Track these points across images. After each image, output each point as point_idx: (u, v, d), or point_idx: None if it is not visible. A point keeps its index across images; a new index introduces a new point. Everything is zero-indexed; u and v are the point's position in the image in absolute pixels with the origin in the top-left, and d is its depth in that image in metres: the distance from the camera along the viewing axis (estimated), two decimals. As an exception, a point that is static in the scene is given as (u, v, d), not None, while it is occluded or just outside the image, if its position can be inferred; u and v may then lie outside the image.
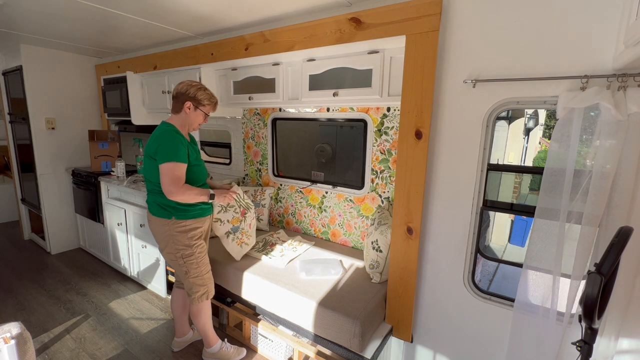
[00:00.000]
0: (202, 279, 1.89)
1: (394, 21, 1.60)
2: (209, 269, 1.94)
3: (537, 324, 1.44)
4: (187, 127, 1.83)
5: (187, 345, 2.24)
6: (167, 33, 2.56)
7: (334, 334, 1.70)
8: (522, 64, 1.41)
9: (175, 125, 1.78)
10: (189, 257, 1.82)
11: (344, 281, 1.97)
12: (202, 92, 1.78)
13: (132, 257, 3.03)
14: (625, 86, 1.20)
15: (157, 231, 1.84)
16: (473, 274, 1.71)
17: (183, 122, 1.80)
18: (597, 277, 0.91)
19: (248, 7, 1.98)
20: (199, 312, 1.96)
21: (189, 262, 1.83)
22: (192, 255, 1.82)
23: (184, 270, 1.85)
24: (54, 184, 3.57)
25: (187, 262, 1.82)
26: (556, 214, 1.34)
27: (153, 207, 1.81)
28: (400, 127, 1.66)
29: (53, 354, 2.16)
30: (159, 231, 1.82)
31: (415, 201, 1.67)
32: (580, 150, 1.29)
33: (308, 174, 2.78)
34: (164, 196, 1.70)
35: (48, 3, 2.03)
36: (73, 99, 3.60)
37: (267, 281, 1.98)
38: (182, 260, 1.82)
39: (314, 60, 2.05)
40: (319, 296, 1.80)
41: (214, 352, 2.07)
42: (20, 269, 3.30)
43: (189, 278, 1.86)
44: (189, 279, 1.87)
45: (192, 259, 1.83)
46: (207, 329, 2.02)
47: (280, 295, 1.91)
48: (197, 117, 1.81)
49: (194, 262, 1.84)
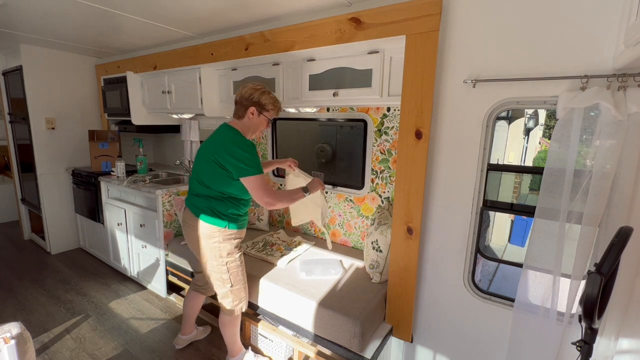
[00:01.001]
0: (241, 291, 1.84)
1: (394, 21, 1.60)
2: (246, 280, 1.89)
3: (537, 324, 1.44)
4: (250, 134, 1.76)
5: (188, 343, 2.24)
6: (167, 33, 2.56)
7: (334, 334, 1.70)
8: (522, 64, 1.41)
9: (240, 131, 1.70)
10: (234, 267, 1.78)
11: (344, 281, 1.97)
12: (266, 97, 1.71)
13: (132, 257, 3.03)
14: (625, 86, 1.20)
15: (203, 238, 1.73)
16: (473, 274, 1.71)
17: (247, 128, 1.73)
18: (597, 277, 0.91)
19: (248, 7, 1.98)
20: (231, 323, 1.89)
21: (233, 272, 1.78)
22: (237, 264, 1.79)
23: (226, 279, 1.77)
24: (54, 184, 3.57)
25: (231, 271, 1.77)
26: (556, 214, 1.34)
27: (207, 213, 1.70)
28: (400, 127, 1.66)
29: (53, 354, 2.16)
30: (206, 238, 1.73)
31: (415, 201, 1.67)
32: (580, 150, 1.29)
33: (308, 173, 2.77)
34: (222, 204, 1.68)
35: (48, 3, 2.03)
36: (73, 99, 3.60)
37: (267, 281, 1.99)
38: (225, 267, 1.75)
39: (314, 60, 2.05)
40: (319, 296, 1.81)
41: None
42: (20, 269, 3.30)
43: (231, 288, 1.79)
44: (230, 290, 1.80)
45: (236, 268, 1.79)
46: (235, 340, 1.98)
47: (280, 295, 1.91)
48: (261, 123, 1.74)
49: (238, 272, 1.80)
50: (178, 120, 3.28)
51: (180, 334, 2.22)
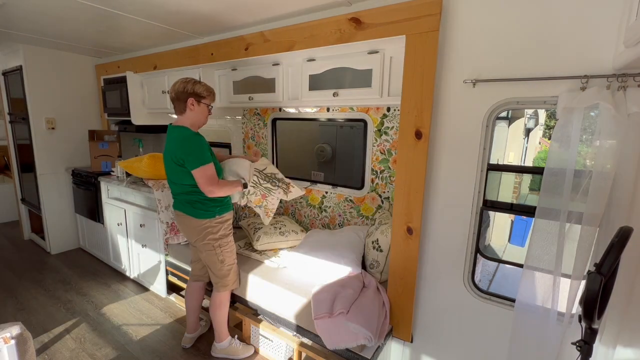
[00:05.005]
0: (233, 267, 1.99)
1: (394, 21, 1.60)
2: (236, 258, 2.03)
3: (537, 324, 1.43)
4: (197, 124, 1.85)
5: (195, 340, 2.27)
6: (167, 33, 2.56)
7: (334, 334, 1.69)
8: (522, 64, 1.41)
9: (188, 127, 1.80)
10: (226, 246, 1.92)
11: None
12: (198, 85, 1.79)
13: (132, 257, 3.03)
14: (625, 86, 1.20)
15: (194, 228, 1.87)
16: (473, 274, 1.71)
17: (192, 121, 1.82)
18: (597, 277, 0.91)
19: (248, 7, 1.98)
20: (221, 304, 2.01)
21: (226, 250, 1.92)
22: (228, 243, 1.94)
23: (220, 260, 1.91)
24: (54, 184, 3.57)
25: (223, 250, 1.91)
26: (556, 214, 1.33)
27: (196, 207, 1.83)
28: (400, 127, 1.66)
29: (53, 354, 2.16)
30: (196, 228, 1.86)
31: (415, 201, 1.67)
32: (581, 150, 1.29)
33: (308, 174, 2.78)
34: (199, 194, 1.79)
35: (48, 3, 2.03)
36: (73, 99, 3.60)
37: (267, 281, 1.99)
38: (220, 249, 1.90)
39: (314, 60, 2.05)
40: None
41: (224, 347, 2.10)
42: (20, 269, 3.30)
43: (224, 267, 1.93)
44: (223, 268, 1.93)
45: (228, 247, 1.93)
46: (223, 322, 2.06)
47: (281, 295, 1.92)
48: (203, 111, 1.83)
49: (229, 251, 1.94)
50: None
51: (187, 332, 2.24)
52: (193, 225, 1.87)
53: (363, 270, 2.02)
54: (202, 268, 2.09)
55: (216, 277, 1.96)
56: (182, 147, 1.73)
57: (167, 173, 1.89)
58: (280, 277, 2.03)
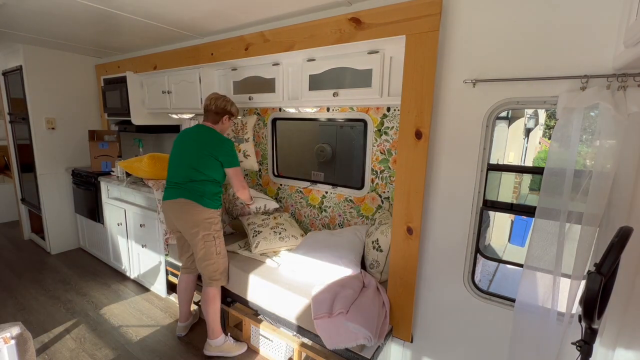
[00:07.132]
0: (226, 259, 2.14)
1: (394, 21, 1.60)
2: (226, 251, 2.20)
3: (537, 324, 1.43)
4: (223, 133, 2.18)
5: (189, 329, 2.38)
6: (167, 33, 2.56)
7: (334, 334, 1.69)
8: (522, 64, 1.41)
9: (219, 132, 2.12)
10: (221, 238, 2.10)
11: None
12: (234, 107, 2.17)
13: (132, 257, 3.03)
14: (625, 86, 1.20)
15: (199, 218, 2.00)
16: (473, 273, 1.71)
17: (221, 129, 2.15)
18: (597, 277, 0.90)
19: (248, 7, 1.98)
20: (214, 298, 2.08)
21: (220, 242, 2.08)
22: (221, 236, 2.11)
23: (217, 252, 2.06)
24: (54, 184, 3.57)
25: (220, 242, 2.09)
26: (556, 214, 1.33)
27: (208, 197, 2.03)
28: (400, 127, 1.66)
29: (53, 354, 2.16)
30: (201, 218, 2.00)
31: (415, 201, 1.67)
32: (581, 150, 1.28)
33: (308, 174, 2.78)
34: (211, 185, 2.04)
35: (48, 3, 2.03)
36: (73, 99, 3.60)
37: (267, 281, 1.99)
38: (218, 240, 2.07)
39: (314, 60, 2.05)
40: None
41: (217, 344, 2.11)
42: (20, 269, 3.30)
43: (219, 258, 2.07)
44: (219, 260, 2.07)
45: (221, 240, 2.10)
46: (216, 318, 2.11)
47: (281, 295, 1.92)
48: (229, 125, 2.20)
49: (222, 243, 2.11)
50: (178, 120, 3.28)
51: (180, 321, 2.34)
52: (197, 214, 1.99)
53: (363, 270, 2.02)
54: (191, 260, 2.20)
55: (209, 270, 2.05)
56: (223, 146, 2.02)
57: (191, 160, 2.02)
58: (280, 277, 2.03)
